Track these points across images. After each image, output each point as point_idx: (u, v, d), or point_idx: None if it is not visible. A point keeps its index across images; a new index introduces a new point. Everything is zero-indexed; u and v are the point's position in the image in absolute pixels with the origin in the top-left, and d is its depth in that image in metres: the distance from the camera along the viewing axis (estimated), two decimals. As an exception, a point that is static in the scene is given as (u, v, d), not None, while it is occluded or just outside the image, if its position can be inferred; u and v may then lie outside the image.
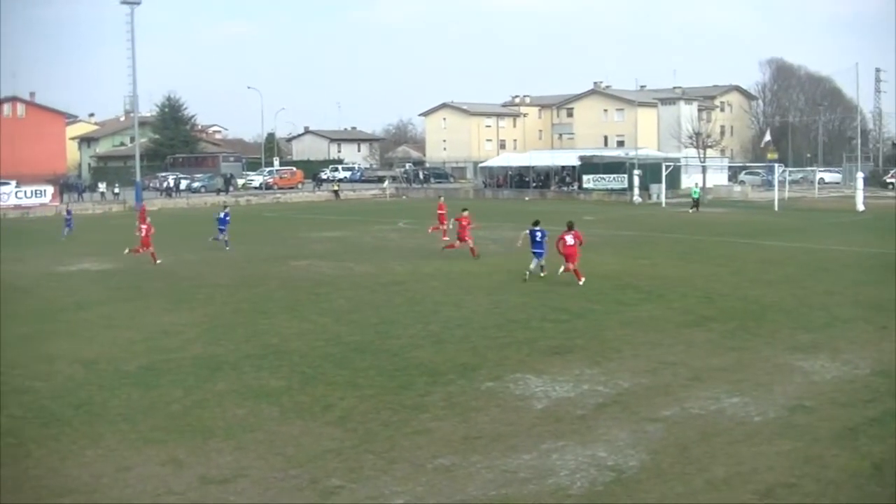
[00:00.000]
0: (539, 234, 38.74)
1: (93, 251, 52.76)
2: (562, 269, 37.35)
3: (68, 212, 68.95)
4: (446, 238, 53.13)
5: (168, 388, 21.49)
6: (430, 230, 56.87)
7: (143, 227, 47.21)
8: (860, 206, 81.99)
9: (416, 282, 37.95)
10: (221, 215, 54.98)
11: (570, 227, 37.72)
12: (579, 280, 36.44)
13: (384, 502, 14.36)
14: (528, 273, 38.21)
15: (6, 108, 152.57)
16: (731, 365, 22.76)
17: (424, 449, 16.72)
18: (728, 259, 43.72)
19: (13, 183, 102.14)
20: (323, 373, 22.60)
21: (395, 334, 27.19)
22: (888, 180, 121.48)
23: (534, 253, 38.72)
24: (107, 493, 14.96)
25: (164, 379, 22.29)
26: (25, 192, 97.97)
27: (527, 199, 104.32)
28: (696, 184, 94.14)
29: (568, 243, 37.14)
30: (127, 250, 47.28)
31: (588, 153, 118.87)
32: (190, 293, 35.99)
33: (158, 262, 46.06)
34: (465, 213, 46.06)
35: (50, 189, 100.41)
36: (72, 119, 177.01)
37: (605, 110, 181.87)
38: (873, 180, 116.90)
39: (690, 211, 79.82)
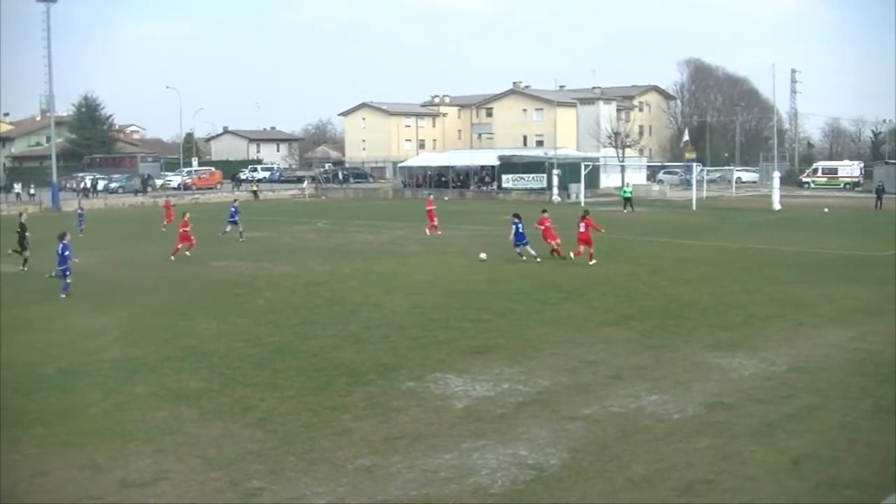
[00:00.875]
0: (520, 225, 43.93)
1: (5, 253, 52.01)
2: (573, 252, 42.65)
3: (81, 208, 70.71)
4: (440, 233, 56.04)
5: (86, 391, 21.26)
6: (427, 231, 57.15)
7: (183, 221, 48.83)
8: (777, 205, 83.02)
9: (335, 282, 37.87)
10: (232, 209, 58.04)
11: (584, 216, 43.08)
12: (591, 261, 41.76)
13: (306, 503, 14.31)
14: (537, 258, 43.28)
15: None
16: (650, 363, 22.92)
17: (345, 449, 16.67)
18: (647, 258, 44.04)
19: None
20: (243, 374, 22.48)
21: (315, 335, 27.11)
22: (804, 179, 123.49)
23: (520, 244, 43.97)
24: (24, 499, 14.79)
25: (83, 382, 22.06)
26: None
27: (446, 198, 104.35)
28: (628, 183, 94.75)
29: (580, 230, 42.29)
30: (172, 257, 47.57)
31: (507, 153, 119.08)
32: (108, 295, 35.65)
33: (187, 253, 47.78)
34: (546, 215, 46.05)
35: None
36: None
37: (524, 110, 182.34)
38: (789, 179, 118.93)
39: (625, 211, 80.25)
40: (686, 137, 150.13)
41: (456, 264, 42.79)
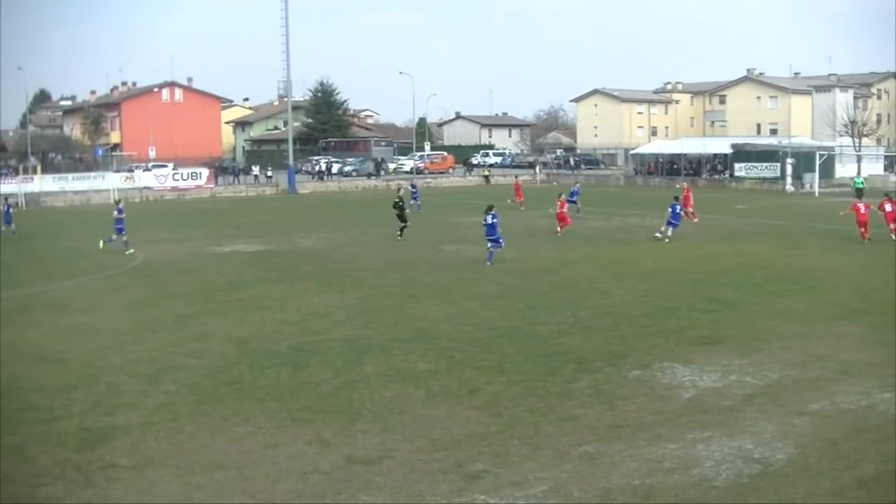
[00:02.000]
0: (679, 207, 49.14)
1: (246, 233, 53.65)
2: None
3: (413, 185, 73.61)
4: (696, 220, 56.76)
5: (317, 368, 21.89)
6: (686, 218, 57.29)
7: (558, 202, 52.23)
8: None
9: (564, 268, 37.96)
10: (574, 189, 64.66)
11: (890, 198, 47.43)
12: (894, 238, 45.14)
13: (528, 488, 14.43)
14: (659, 236, 47.74)
15: (164, 93, 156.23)
16: (882, 360, 22.25)
17: (569, 436, 16.75)
18: (882, 252, 42.74)
19: (170, 165, 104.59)
20: (470, 357, 22.76)
21: (543, 320, 27.22)
22: None
23: (671, 223, 47.90)
24: (255, 470, 15.31)
25: (313, 360, 22.69)
26: (182, 174, 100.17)
27: (678, 186, 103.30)
28: (858, 173, 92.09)
29: (887, 210, 46.66)
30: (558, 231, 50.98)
31: (740, 141, 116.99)
32: (340, 276, 36.47)
33: (558, 233, 50.44)
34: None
35: (205, 172, 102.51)
36: (227, 103, 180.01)
37: (758, 98, 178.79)
38: None
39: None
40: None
41: (685, 253, 42.37)
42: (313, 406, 18.84)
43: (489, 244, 39.38)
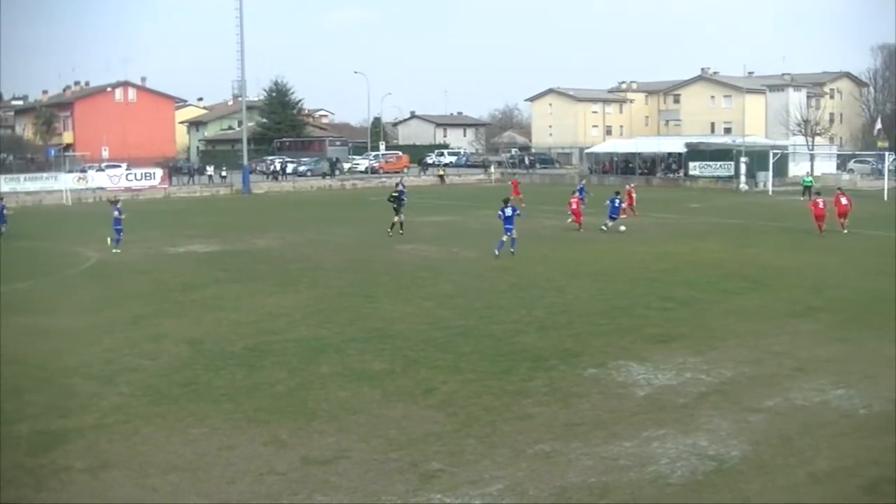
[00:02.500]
0: (618, 201, 52.36)
1: (201, 233, 53.45)
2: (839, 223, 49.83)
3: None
4: (636, 214, 59.40)
5: (272, 369, 21.83)
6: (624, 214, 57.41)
7: (574, 200, 53.87)
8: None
9: (521, 267, 37.96)
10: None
11: (843, 192, 52.18)
12: (843, 230, 49.37)
13: (484, 486, 14.43)
14: (621, 230, 50.71)
15: (118, 92, 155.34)
16: (837, 356, 22.45)
17: (525, 434, 16.78)
18: (837, 249, 43.08)
19: (124, 166, 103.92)
20: (426, 357, 22.76)
21: (499, 319, 27.25)
22: None
23: (611, 217, 51.59)
24: (210, 471, 15.26)
25: (269, 360, 22.63)
26: (136, 174, 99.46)
27: (632, 185, 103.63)
28: (808, 173, 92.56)
29: (842, 202, 50.25)
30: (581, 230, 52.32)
31: (694, 140, 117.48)
32: (296, 276, 36.38)
33: (580, 230, 52.12)
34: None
35: (159, 172, 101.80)
36: (181, 103, 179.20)
37: (713, 97, 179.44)
38: None
39: (801, 199, 78.39)
40: (879, 125, 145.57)
41: (639, 251, 42.54)
42: (269, 407, 18.79)
43: (507, 233, 41.04)
